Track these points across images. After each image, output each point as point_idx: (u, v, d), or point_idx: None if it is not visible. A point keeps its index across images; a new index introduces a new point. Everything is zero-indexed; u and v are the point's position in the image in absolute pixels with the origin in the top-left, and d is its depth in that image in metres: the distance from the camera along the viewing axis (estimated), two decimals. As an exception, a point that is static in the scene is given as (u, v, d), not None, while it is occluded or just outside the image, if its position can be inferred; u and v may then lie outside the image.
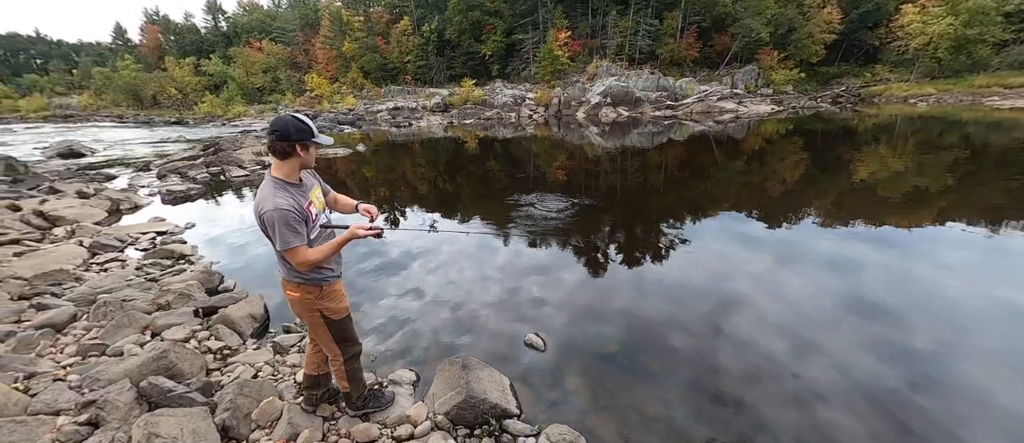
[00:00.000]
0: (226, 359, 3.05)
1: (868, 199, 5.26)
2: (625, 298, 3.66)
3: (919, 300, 3.27)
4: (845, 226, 4.29)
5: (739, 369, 2.77)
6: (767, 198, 5.26)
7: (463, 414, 2.43)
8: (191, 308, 3.64)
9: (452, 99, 34.97)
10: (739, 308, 3.23)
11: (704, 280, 3.57)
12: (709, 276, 3.61)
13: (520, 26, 38.29)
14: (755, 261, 3.60)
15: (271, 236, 1.81)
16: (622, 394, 2.72)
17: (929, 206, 5.10)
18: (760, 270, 3.48)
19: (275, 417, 2.32)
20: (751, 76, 33.17)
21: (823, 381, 2.63)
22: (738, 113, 25.82)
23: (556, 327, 3.52)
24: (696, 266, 3.78)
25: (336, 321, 2.15)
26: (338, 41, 45.39)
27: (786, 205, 4.89)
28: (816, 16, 33.22)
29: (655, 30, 34.61)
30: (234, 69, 50.24)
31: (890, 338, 2.90)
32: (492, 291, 4.13)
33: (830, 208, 4.83)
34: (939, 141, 10.53)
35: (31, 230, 6.05)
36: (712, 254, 3.80)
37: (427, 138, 19.99)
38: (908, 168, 6.58)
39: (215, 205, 8.36)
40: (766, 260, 3.64)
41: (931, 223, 4.59)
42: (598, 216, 5.11)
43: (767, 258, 3.61)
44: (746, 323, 3.10)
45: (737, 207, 4.82)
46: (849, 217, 4.48)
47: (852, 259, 3.57)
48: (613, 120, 25.99)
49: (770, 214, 4.57)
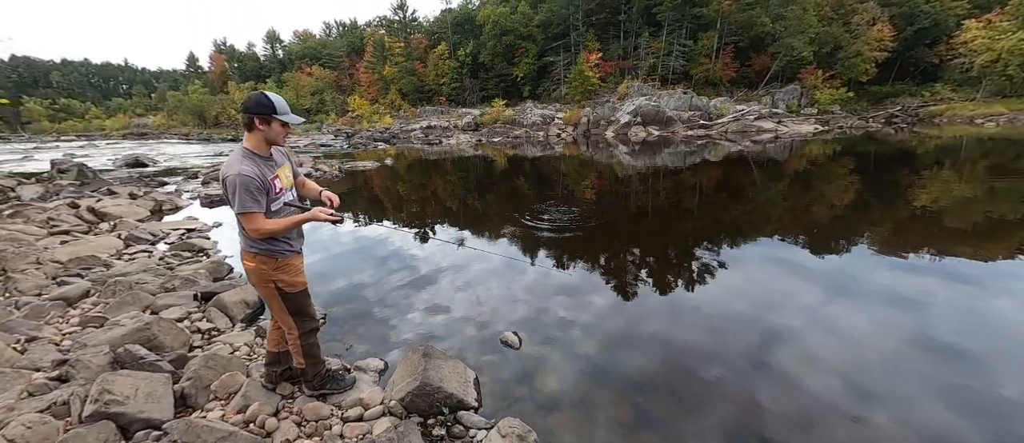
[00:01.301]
0: (210, 338, 3.16)
1: (932, 228, 4.63)
2: (646, 317, 3.33)
3: (999, 343, 2.77)
4: (907, 257, 3.78)
5: (778, 405, 2.34)
6: (814, 224, 4.79)
7: (417, 402, 2.36)
8: (192, 292, 3.83)
9: (483, 119, 35.93)
10: (783, 341, 2.88)
11: (742, 307, 3.22)
12: (748, 303, 3.25)
13: (552, 49, 39.09)
14: (802, 291, 3.23)
15: (230, 200, 1.88)
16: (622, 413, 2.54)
17: (1006, 237, 4.41)
18: (809, 302, 3.11)
19: (233, 390, 2.35)
20: (793, 95, 31.73)
21: (887, 431, 2.16)
22: (778, 133, 24.63)
23: (533, 325, 3.39)
24: (733, 292, 3.45)
25: (291, 294, 2.17)
26: (380, 66, 48.30)
27: (836, 232, 4.43)
28: (865, 34, 31.51)
29: (689, 51, 34.14)
30: (286, 92, 54.48)
31: (965, 385, 2.43)
32: (487, 297, 4.06)
33: (888, 237, 4.32)
34: (1014, 166, 9.31)
35: (81, 223, 6.70)
36: (752, 281, 3.45)
37: (455, 156, 20.48)
38: (978, 195, 5.80)
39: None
40: (815, 291, 3.25)
41: (1009, 256, 3.97)
42: (623, 233, 4.88)
43: (816, 289, 3.23)
44: (791, 358, 2.73)
45: (780, 232, 4.42)
46: (911, 247, 3.94)
47: (917, 294, 3.11)
48: (643, 139, 25.57)
49: (818, 241, 4.14)
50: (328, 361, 2.79)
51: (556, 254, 4.79)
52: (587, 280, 4.09)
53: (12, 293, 3.49)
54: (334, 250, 5.81)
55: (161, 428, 1.95)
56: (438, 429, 2.27)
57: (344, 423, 2.21)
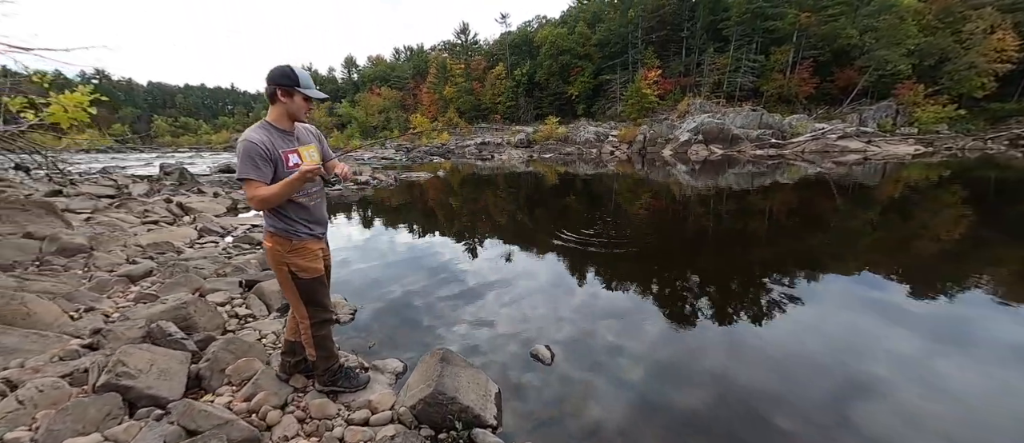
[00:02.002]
0: (244, 323, 3.19)
1: None
2: (703, 350, 2.82)
3: None
4: None
5: None
6: (915, 260, 3.89)
7: (429, 411, 2.10)
8: (239, 280, 3.97)
9: (535, 136, 36.17)
10: (873, 395, 2.26)
11: (821, 350, 2.61)
12: (828, 346, 2.64)
13: (609, 67, 38.67)
14: (899, 338, 2.57)
15: None
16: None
17: None
18: (907, 351, 2.45)
19: (247, 377, 2.27)
20: (887, 113, 28.07)
21: None
22: (867, 153, 21.80)
23: (571, 344, 3.01)
24: (809, 331, 2.83)
25: (303, 280, 2.06)
26: (441, 86, 51.03)
27: (945, 271, 3.54)
28: (981, 43, 27.23)
29: (759, 66, 31.86)
30: (357, 111, 59.47)
31: None
32: (525, 311, 3.75)
33: (1012, 282, 3.40)
34: None
35: (168, 215, 7.51)
36: (833, 321, 2.81)
37: (506, 171, 20.62)
38: None
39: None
40: (916, 339, 2.57)
41: None
42: (680, 257, 4.30)
43: (918, 337, 2.55)
44: (885, 417, 2.12)
45: (870, 267, 3.64)
46: None
47: None
48: (704, 158, 23.95)
49: (920, 280, 3.32)
50: (346, 357, 2.65)
51: (604, 275, 4.34)
52: (637, 304, 3.59)
53: (90, 268, 3.86)
54: (375, 252, 5.86)
55: (166, 407, 1.88)
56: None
57: (347, 426, 2.01)
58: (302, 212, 2.03)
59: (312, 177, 1.96)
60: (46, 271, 3.43)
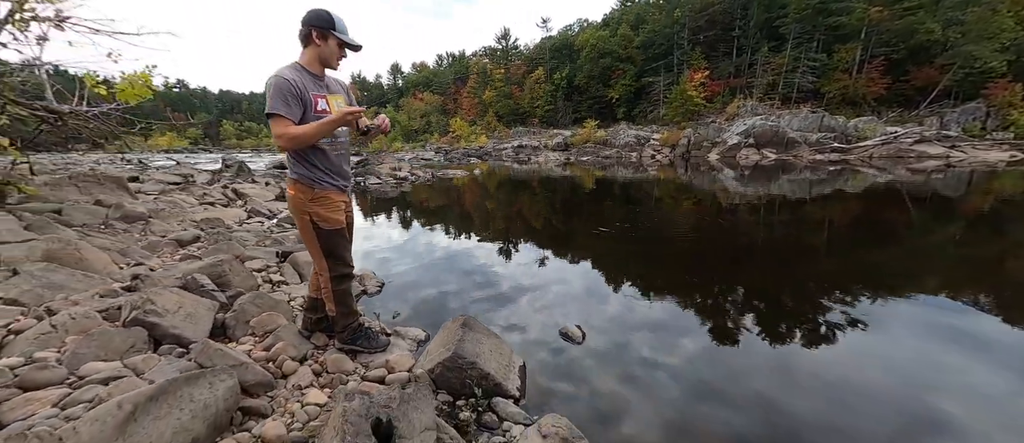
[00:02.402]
0: (276, 288, 3.24)
1: None
2: (749, 371, 2.32)
3: None
4: None
5: None
6: (1005, 284, 3.30)
7: (447, 376, 1.96)
8: (276, 250, 4.08)
9: (573, 139, 35.69)
10: (949, 436, 1.84)
11: (885, 380, 2.17)
12: (895, 376, 2.20)
13: (651, 69, 37.50)
14: (982, 373, 2.12)
15: None
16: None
17: None
18: (992, 389, 2.01)
19: (270, 330, 2.24)
20: (975, 115, 24.92)
21: None
22: (949, 159, 19.40)
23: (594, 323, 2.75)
24: (872, 359, 2.38)
25: (325, 231, 2.00)
26: (481, 91, 51.90)
27: None
28: (1099, 34, 23.56)
29: (820, 65, 29.51)
30: (401, 115, 61.89)
31: None
32: (554, 303, 3.55)
33: None
34: None
35: (223, 199, 8.04)
36: (902, 349, 2.36)
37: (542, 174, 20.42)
38: None
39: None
40: (1004, 375, 2.12)
41: None
42: (726, 270, 3.86)
43: (1006, 372, 2.10)
44: None
45: (952, 291, 3.10)
46: None
47: None
48: (755, 163, 22.40)
49: (1010, 308, 2.80)
50: (367, 320, 2.57)
51: (640, 277, 4.00)
52: (675, 311, 3.19)
53: (147, 234, 4.13)
54: (408, 237, 5.89)
55: (188, 347, 1.87)
56: (466, 412, 1.83)
57: (362, 382, 1.91)
58: (326, 161, 1.98)
59: (351, 120, 1.91)
60: (107, 232, 3.70)
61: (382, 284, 3.63)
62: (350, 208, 2.25)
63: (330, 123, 1.83)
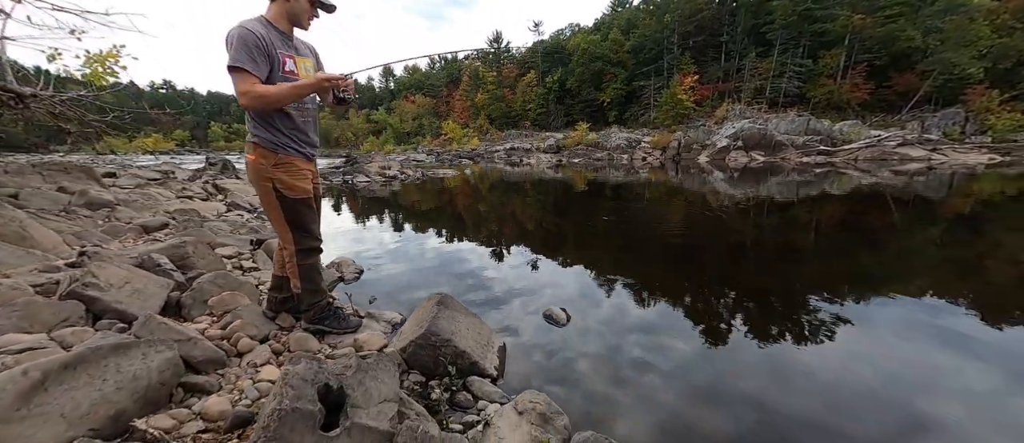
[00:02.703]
0: (246, 273, 3.06)
1: None
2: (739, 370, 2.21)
3: None
4: None
5: None
6: (988, 285, 3.26)
7: (420, 354, 1.82)
8: (251, 238, 3.89)
9: (565, 141, 35.78)
10: (939, 435, 1.74)
11: (874, 379, 2.06)
12: (882, 376, 2.08)
13: (642, 73, 37.86)
14: (969, 372, 2.06)
15: None
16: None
17: None
18: (979, 386, 1.94)
19: (230, 309, 2.08)
20: (954, 120, 25.57)
21: None
22: (931, 162, 19.83)
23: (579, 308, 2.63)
24: (860, 359, 2.28)
25: (289, 199, 1.85)
26: (473, 93, 51.85)
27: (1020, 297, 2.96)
28: (1069, 43, 24.40)
29: (806, 71, 30.07)
30: (392, 118, 61.51)
31: None
32: (537, 279, 3.43)
33: None
34: None
35: (203, 194, 7.78)
36: (889, 349, 2.28)
37: (533, 176, 20.37)
38: None
39: (329, 194, 9.65)
40: (989, 374, 2.05)
41: None
42: (716, 272, 3.73)
43: (991, 371, 2.04)
44: None
45: (936, 291, 3.05)
46: None
47: None
48: (744, 165, 22.64)
49: (994, 309, 2.75)
50: (339, 303, 2.42)
51: (632, 278, 3.90)
52: (663, 308, 3.06)
53: (111, 220, 3.91)
54: (392, 230, 5.73)
55: (131, 323, 1.70)
56: (439, 392, 1.69)
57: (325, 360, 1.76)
58: (291, 125, 1.84)
59: (328, 87, 1.77)
60: (67, 217, 3.49)
61: (360, 271, 3.47)
62: (317, 179, 2.11)
63: (304, 87, 1.70)
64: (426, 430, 1.14)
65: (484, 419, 1.47)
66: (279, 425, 0.90)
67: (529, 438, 1.32)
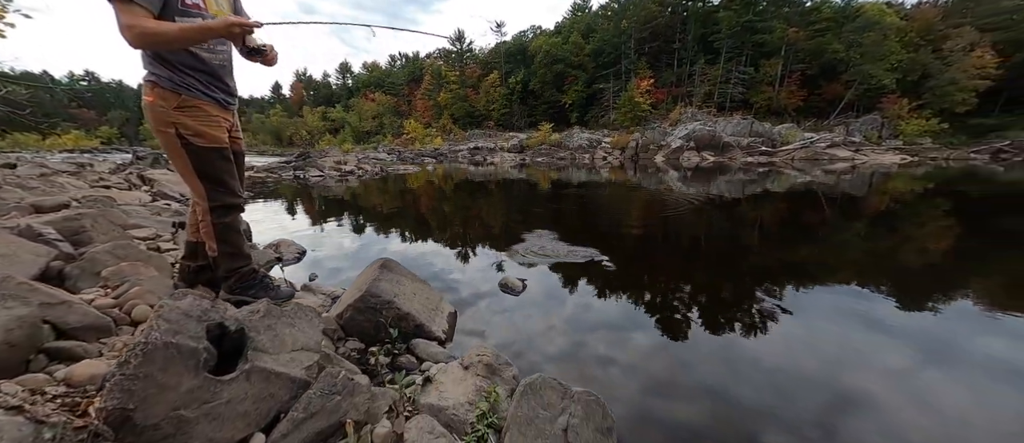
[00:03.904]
0: (162, 252, 2.69)
1: None
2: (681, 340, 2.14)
3: None
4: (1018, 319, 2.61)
5: None
6: (901, 272, 3.54)
7: (358, 320, 1.63)
8: (172, 221, 3.48)
9: (528, 141, 36.07)
10: (861, 409, 1.81)
11: (808, 360, 2.10)
12: (813, 356, 2.16)
13: (602, 76, 39.01)
14: (886, 352, 2.19)
15: None
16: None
17: None
18: (894, 365, 2.06)
19: (127, 280, 1.78)
20: (872, 126, 28.51)
21: None
22: (854, 162, 21.93)
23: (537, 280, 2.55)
24: (797, 343, 2.35)
25: (198, 148, 1.59)
26: (436, 93, 51.00)
27: (930, 284, 3.21)
28: (961, 61, 28.00)
29: (749, 78, 32.34)
30: (351, 116, 59.13)
31: None
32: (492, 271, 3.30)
33: (1000, 295, 3.08)
34: None
35: (124, 183, 6.95)
36: (822, 333, 2.36)
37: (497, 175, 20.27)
38: None
39: (269, 188, 9.00)
40: (902, 353, 2.20)
41: None
42: (670, 266, 3.74)
43: (903, 350, 2.18)
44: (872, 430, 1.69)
45: (858, 280, 3.26)
46: None
47: None
48: (696, 165, 23.86)
49: (909, 293, 2.97)
50: (275, 278, 2.16)
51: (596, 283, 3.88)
52: (619, 299, 3.09)
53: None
54: (343, 219, 5.39)
55: (-12, 289, 1.38)
56: (381, 356, 1.51)
57: (243, 326, 1.53)
58: (196, 63, 1.57)
59: (238, 34, 1.52)
60: (-66, 195, 2.92)
61: (303, 252, 3.19)
62: (238, 132, 1.86)
63: (208, 30, 1.43)
64: (350, 379, 0.98)
65: (426, 376, 1.33)
66: (143, 362, 0.71)
67: (474, 389, 1.20)
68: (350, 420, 0.91)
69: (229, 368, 0.86)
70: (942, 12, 32.83)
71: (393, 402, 1.03)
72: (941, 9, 33.45)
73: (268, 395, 0.86)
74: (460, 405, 1.13)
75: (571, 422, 1.00)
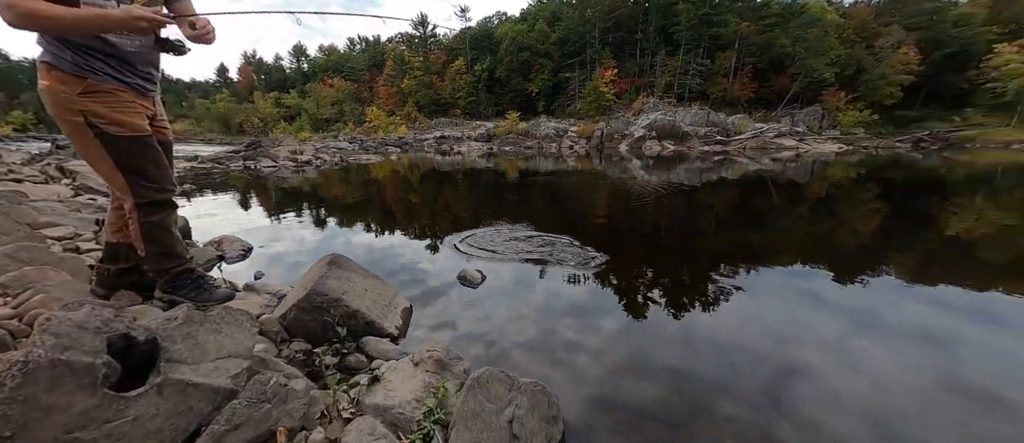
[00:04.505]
0: (82, 253, 2.43)
1: (966, 261, 3.77)
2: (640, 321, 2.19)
3: None
4: (937, 291, 2.93)
5: None
6: (837, 252, 3.87)
7: (303, 320, 1.55)
8: (95, 217, 3.15)
9: (495, 130, 35.81)
10: (803, 377, 1.94)
11: (755, 335, 2.24)
12: (759, 330, 2.28)
13: (568, 65, 39.21)
14: (825, 324, 2.35)
15: None
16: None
17: None
18: (832, 335, 2.22)
19: (31, 285, 1.58)
20: (814, 117, 30.69)
21: None
22: (798, 151, 23.55)
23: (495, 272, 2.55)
24: (748, 320, 2.47)
25: (115, 138, 1.43)
26: (399, 79, 49.23)
27: (861, 261, 3.52)
28: (890, 57, 30.59)
29: (706, 70, 33.69)
30: (308, 102, 55.98)
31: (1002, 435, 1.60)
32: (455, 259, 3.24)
33: (917, 269, 3.44)
34: None
35: (40, 176, 6.23)
36: (768, 309, 2.48)
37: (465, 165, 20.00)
38: (1018, 226, 4.90)
39: (216, 180, 8.40)
40: (838, 324, 2.36)
41: None
42: (634, 253, 3.81)
43: (839, 322, 2.36)
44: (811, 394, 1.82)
45: (801, 260, 3.51)
46: (942, 281, 3.10)
47: (947, 332, 2.29)
48: (657, 153, 24.71)
49: (840, 270, 3.25)
50: (213, 279, 2.00)
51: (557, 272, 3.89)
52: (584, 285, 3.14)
53: None
54: (297, 213, 5.12)
55: None
56: (328, 357, 1.45)
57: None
58: (106, 49, 1.38)
59: (148, 29, 1.34)
60: None
61: (249, 249, 2.99)
62: (163, 122, 1.68)
63: (106, 21, 1.25)
64: (283, 384, 0.92)
65: (373, 375, 1.28)
66: (22, 383, 0.63)
67: (423, 386, 1.17)
68: (282, 428, 0.86)
69: (139, 382, 0.79)
70: (875, 11, 35.58)
71: (326, 407, 0.98)
72: (874, 8, 36.23)
73: (186, 408, 0.79)
74: (407, 403, 1.10)
75: (517, 413, 1.01)
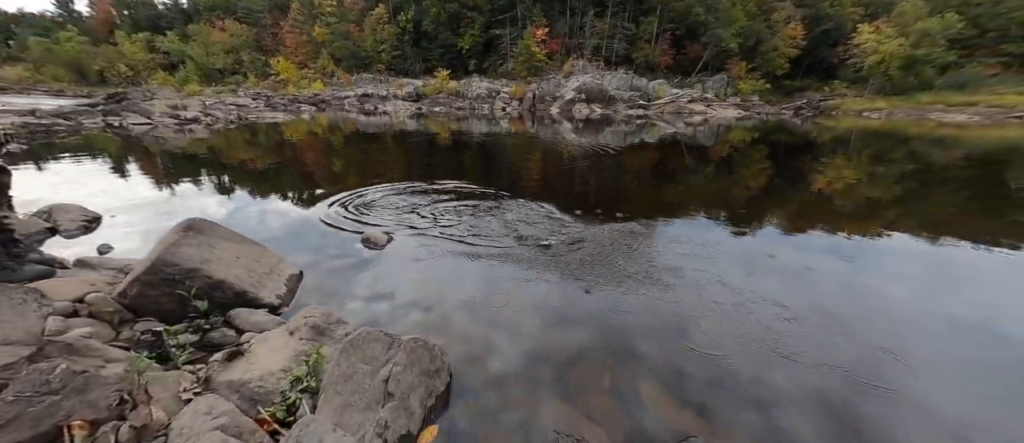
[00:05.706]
0: None
1: (826, 209, 4.71)
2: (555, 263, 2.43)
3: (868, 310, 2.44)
4: (804, 237, 3.58)
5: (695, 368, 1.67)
6: (734, 204, 4.50)
7: (150, 295, 1.31)
8: None
9: (425, 89, 33.81)
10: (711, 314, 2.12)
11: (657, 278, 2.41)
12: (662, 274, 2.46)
13: (498, 21, 37.73)
14: (725, 267, 2.63)
15: None
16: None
17: (879, 217, 4.69)
18: (730, 277, 2.47)
19: None
20: (721, 84, 33.75)
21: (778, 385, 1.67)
22: (707, 116, 25.91)
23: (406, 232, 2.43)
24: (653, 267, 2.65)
25: None
26: (308, 25, 43.33)
27: (751, 213, 4.13)
28: (781, 31, 34.28)
29: (631, 34, 34.78)
30: (193, 48, 47.14)
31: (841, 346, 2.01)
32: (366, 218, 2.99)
33: (790, 218, 4.15)
34: (890, 155, 10.52)
35: None
36: (679, 256, 2.71)
37: (394, 126, 18.65)
38: (862, 180, 6.23)
39: (62, 140, 6.86)
40: (735, 267, 2.66)
41: (878, 234, 4.04)
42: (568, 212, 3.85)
43: (736, 265, 2.67)
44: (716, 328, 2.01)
45: (705, 212, 3.95)
46: (808, 228, 3.78)
47: (807, 268, 2.76)
48: (586, 116, 25.44)
49: (738, 220, 3.75)
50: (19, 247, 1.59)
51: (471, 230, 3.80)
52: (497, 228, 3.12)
53: None
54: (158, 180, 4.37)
55: None
56: (186, 335, 1.24)
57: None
58: None
59: None
60: None
61: (96, 219, 2.47)
62: None
63: None
64: (79, 372, 0.74)
65: (235, 349, 1.13)
66: None
67: (294, 355, 1.06)
68: (80, 421, 0.70)
69: None
70: (773, -13, 39.18)
71: (129, 391, 0.82)
72: (771, -17, 39.85)
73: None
74: (270, 375, 0.98)
75: (394, 371, 0.95)
